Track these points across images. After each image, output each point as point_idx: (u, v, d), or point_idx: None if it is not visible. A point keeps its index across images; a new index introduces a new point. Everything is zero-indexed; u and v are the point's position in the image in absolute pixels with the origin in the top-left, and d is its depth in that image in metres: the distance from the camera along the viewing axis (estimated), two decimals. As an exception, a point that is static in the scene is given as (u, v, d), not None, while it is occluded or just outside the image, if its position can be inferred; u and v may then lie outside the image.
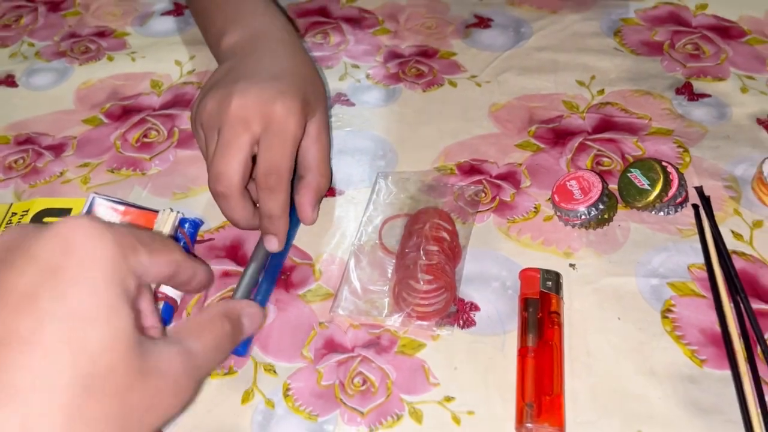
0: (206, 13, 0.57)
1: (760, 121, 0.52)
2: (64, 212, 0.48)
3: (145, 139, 0.54)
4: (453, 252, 0.42)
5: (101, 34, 0.65)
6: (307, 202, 0.45)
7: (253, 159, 0.43)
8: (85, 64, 0.61)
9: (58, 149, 0.53)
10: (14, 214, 0.48)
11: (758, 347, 0.39)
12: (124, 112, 0.56)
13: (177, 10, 0.66)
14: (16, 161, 0.53)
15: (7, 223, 0.47)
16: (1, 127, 0.56)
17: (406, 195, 0.48)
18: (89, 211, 0.44)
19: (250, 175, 0.43)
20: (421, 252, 0.41)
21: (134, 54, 0.62)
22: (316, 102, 0.46)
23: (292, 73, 0.46)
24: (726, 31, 0.60)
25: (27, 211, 0.48)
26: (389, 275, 0.43)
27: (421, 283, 0.40)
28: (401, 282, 0.41)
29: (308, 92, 0.46)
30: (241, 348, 0.40)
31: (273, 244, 0.44)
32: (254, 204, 0.44)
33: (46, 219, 0.47)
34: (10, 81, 0.60)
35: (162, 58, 0.61)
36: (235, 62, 0.47)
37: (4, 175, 0.52)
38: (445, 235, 0.43)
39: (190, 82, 0.59)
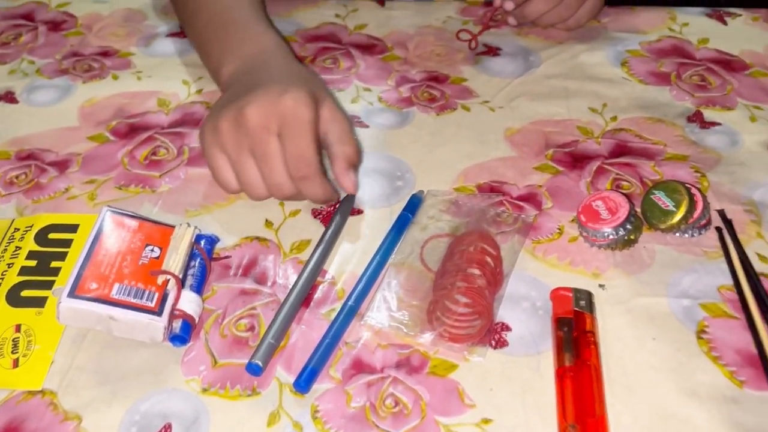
0: (202, 44, 0.58)
1: (771, 149, 0.53)
2: (70, 228, 0.45)
3: (154, 157, 0.52)
4: (495, 278, 0.41)
5: (105, 53, 0.63)
6: (340, 171, 0.46)
7: None
8: (88, 81, 0.60)
9: (62, 165, 0.51)
10: (17, 229, 0.46)
11: (796, 368, 0.38)
12: (131, 129, 0.55)
13: (182, 32, 0.66)
14: (17, 176, 0.50)
15: (9, 239, 0.45)
16: (2, 142, 0.53)
17: (450, 216, 0.47)
18: (102, 224, 0.42)
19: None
20: (462, 274, 0.40)
21: (140, 73, 0.61)
22: (320, 91, 0.47)
23: (291, 75, 0.48)
24: (729, 64, 0.62)
25: (31, 226, 0.45)
26: (426, 293, 0.41)
27: (459, 305, 0.39)
28: (438, 301, 0.40)
29: (311, 84, 0.47)
30: (255, 369, 0.37)
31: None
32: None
33: (51, 235, 0.45)
34: (10, 97, 0.58)
35: (169, 77, 0.60)
36: (237, 86, 0.48)
37: (5, 191, 0.49)
38: (488, 259, 0.42)
39: (199, 102, 0.58)
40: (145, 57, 0.63)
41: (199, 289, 0.41)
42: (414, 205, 0.48)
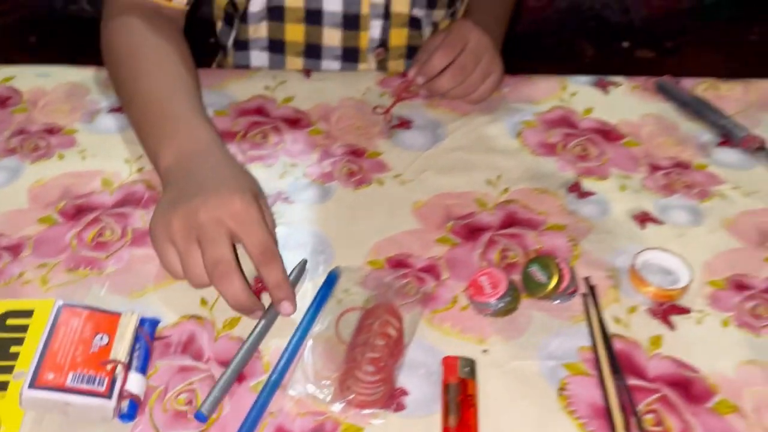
0: (139, 131, 0.64)
1: (635, 217, 0.63)
2: (26, 314, 0.51)
3: (100, 239, 0.58)
4: (397, 348, 0.49)
5: (50, 131, 0.69)
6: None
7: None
8: (36, 162, 0.65)
9: (15, 250, 0.57)
10: (-23, 316, 0.51)
11: (633, 418, 0.47)
12: (78, 210, 0.61)
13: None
14: (-26, 263, 0.56)
15: (-30, 326, 0.51)
16: (-43, 227, 0.59)
17: (361, 289, 0.54)
18: (56, 318, 0.49)
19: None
20: (370, 346, 0.48)
21: (84, 152, 0.67)
22: (255, 188, 0.56)
23: (230, 176, 0.56)
24: (607, 134, 0.72)
25: (-10, 313, 0.51)
26: (340, 364, 0.49)
27: (366, 374, 0.47)
28: (348, 372, 0.48)
29: (248, 184, 0.55)
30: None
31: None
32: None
33: (9, 321, 0.51)
34: (-39, 181, 0.63)
35: (111, 156, 0.66)
36: (182, 184, 0.55)
37: (-37, 278, 0.55)
38: (392, 332, 0.50)
39: (139, 181, 0.64)
40: (89, 134, 0.69)
41: (143, 369, 0.48)
42: (332, 281, 0.55)
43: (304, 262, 0.56)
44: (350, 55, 0.84)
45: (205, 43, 0.90)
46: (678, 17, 2.02)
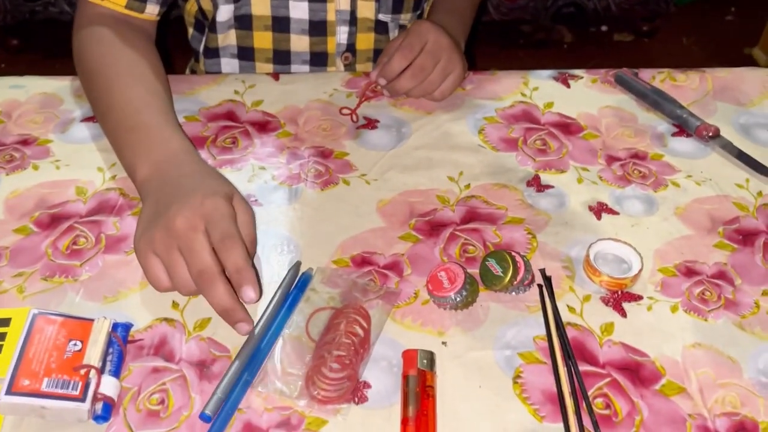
0: (114, 143, 0.67)
1: (591, 208, 0.65)
2: (3, 322, 0.54)
3: (75, 246, 0.61)
4: (363, 346, 0.52)
5: (25, 142, 0.71)
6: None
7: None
8: (12, 173, 0.67)
9: (-8, 260, 0.59)
10: (-44, 326, 0.54)
11: (583, 402, 0.50)
12: (53, 220, 0.63)
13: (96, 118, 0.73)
14: (-47, 275, 0.58)
15: (-50, 336, 0.53)
16: (-65, 240, 0.61)
17: (327, 288, 0.57)
18: (31, 326, 0.51)
19: None
20: (336, 344, 0.51)
21: (58, 162, 0.69)
22: (228, 187, 0.58)
23: (201, 183, 0.58)
24: (567, 127, 0.74)
25: (-31, 323, 0.54)
26: (307, 361, 0.52)
27: (331, 371, 0.50)
28: (315, 368, 0.50)
29: (220, 187, 0.57)
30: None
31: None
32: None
33: (-13, 330, 0.53)
34: (-61, 194, 0.65)
35: (85, 165, 0.68)
36: (158, 195, 0.58)
37: (-57, 289, 0.57)
38: (359, 330, 0.52)
39: (113, 188, 0.66)
40: (63, 144, 0.71)
41: (116, 372, 0.51)
42: (304, 283, 0.58)
43: (298, 264, 0.58)
44: (318, 60, 0.86)
45: (185, 42, 0.91)
46: (654, 0, 2.03)
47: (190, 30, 0.92)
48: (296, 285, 0.58)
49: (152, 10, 0.76)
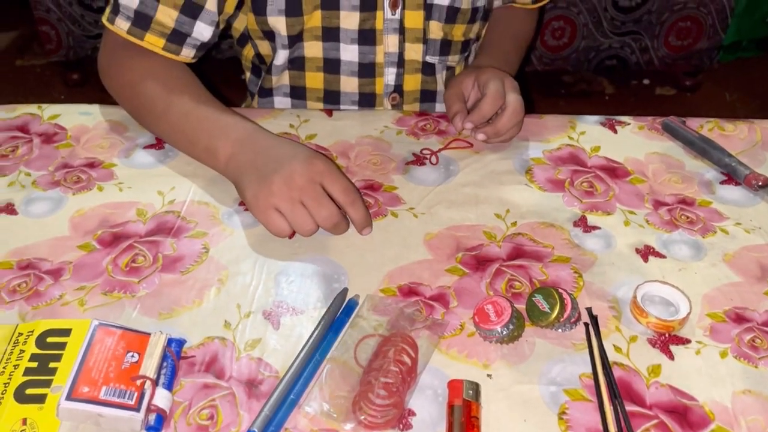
0: (182, 137, 0.73)
1: (637, 251, 0.65)
2: (65, 332, 0.56)
3: (134, 264, 0.63)
4: (410, 375, 0.53)
5: (91, 165, 0.74)
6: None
7: None
8: (78, 193, 0.71)
9: (56, 273, 0.62)
10: (20, 334, 0.56)
11: (629, 442, 0.50)
12: (114, 238, 0.66)
13: (158, 144, 0.77)
14: (19, 285, 0.61)
15: (14, 343, 0.55)
16: (4, 253, 0.64)
17: (375, 315, 0.58)
18: (92, 336, 0.53)
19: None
20: (384, 372, 0.52)
21: (121, 184, 0.72)
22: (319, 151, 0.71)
23: (294, 147, 0.69)
24: (614, 171, 0.75)
25: (32, 331, 0.56)
26: (354, 386, 0.53)
27: (378, 398, 0.50)
28: (362, 393, 0.51)
29: (313, 150, 0.68)
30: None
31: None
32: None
33: (49, 339, 0.55)
34: (10, 209, 0.69)
35: (146, 188, 0.71)
36: (258, 163, 0.67)
37: (9, 298, 0.60)
38: (407, 359, 0.53)
39: (171, 212, 0.69)
40: (126, 168, 0.74)
41: (169, 386, 0.52)
42: (350, 309, 0.59)
43: (345, 291, 0.60)
44: (367, 100, 0.89)
45: (237, 81, 0.96)
46: (698, 56, 2.05)
47: (247, 74, 0.97)
48: (342, 310, 0.59)
49: (188, 54, 0.80)
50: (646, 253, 0.65)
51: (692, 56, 2.05)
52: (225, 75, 1.05)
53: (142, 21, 0.77)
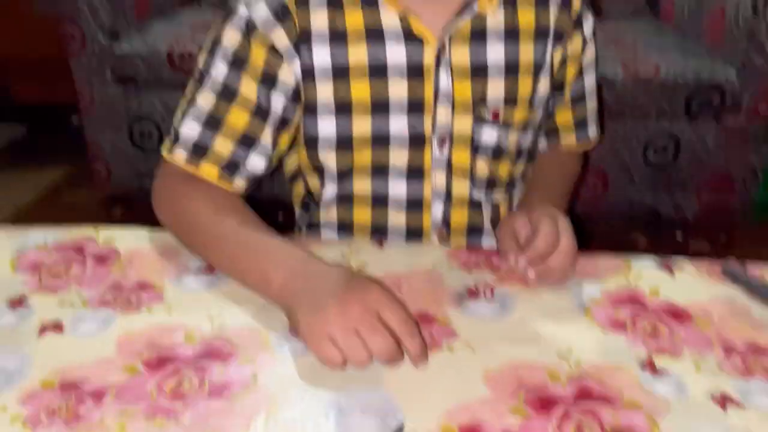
0: (235, 264, 0.73)
1: (714, 399, 0.61)
2: (102, 459, 0.52)
3: (179, 389, 0.60)
4: None
5: (142, 286, 0.74)
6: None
7: None
8: (126, 314, 0.69)
9: (98, 396, 0.59)
10: (55, 459, 0.52)
11: None
12: (160, 361, 0.63)
13: (209, 270, 0.77)
14: (59, 407, 0.58)
15: (47, 469, 0.51)
16: (47, 372, 0.62)
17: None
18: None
19: None
20: None
21: (171, 307, 0.71)
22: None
23: (348, 275, 0.68)
24: (677, 314, 0.72)
25: (68, 457, 0.52)
26: None
27: None
28: None
29: (368, 279, 0.68)
30: None
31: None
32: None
33: (85, 466, 0.51)
34: (57, 328, 0.67)
35: (195, 312, 0.70)
36: (310, 292, 0.65)
37: (48, 419, 0.56)
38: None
39: (220, 337, 0.67)
40: (176, 291, 0.73)
41: None
42: None
43: (401, 427, 0.57)
44: (414, 234, 0.90)
45: (275, 223, 0.98)
46: (731, 213, 2.06)
47: (297, 210, 0.99)
48: (400, 450, 0.54)
49: (240, 185, 0.83)
50: (724, 401, 0.60)
51: (726, 213, 2.06)
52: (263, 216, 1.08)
53: (199, 151, 0.80)
